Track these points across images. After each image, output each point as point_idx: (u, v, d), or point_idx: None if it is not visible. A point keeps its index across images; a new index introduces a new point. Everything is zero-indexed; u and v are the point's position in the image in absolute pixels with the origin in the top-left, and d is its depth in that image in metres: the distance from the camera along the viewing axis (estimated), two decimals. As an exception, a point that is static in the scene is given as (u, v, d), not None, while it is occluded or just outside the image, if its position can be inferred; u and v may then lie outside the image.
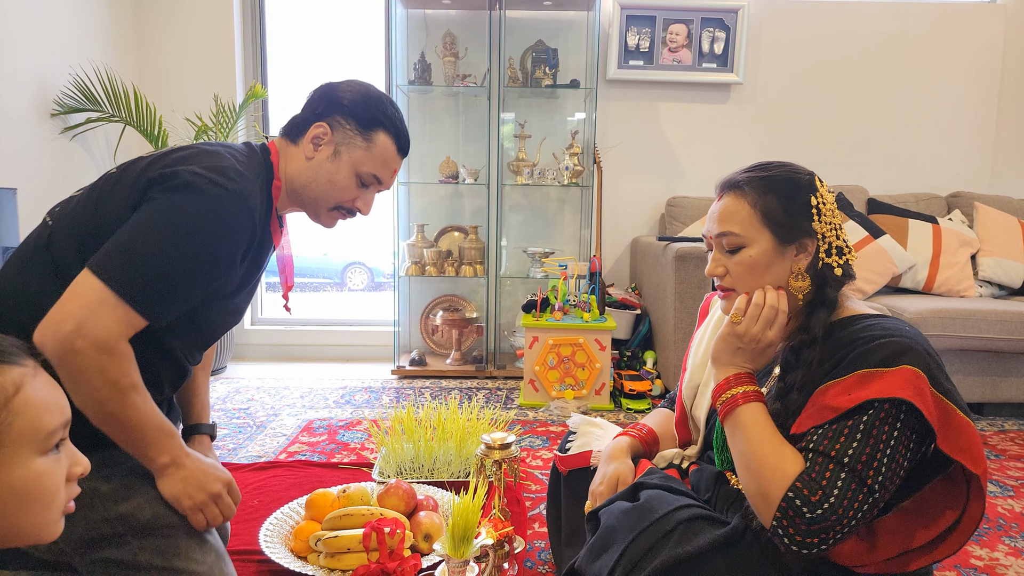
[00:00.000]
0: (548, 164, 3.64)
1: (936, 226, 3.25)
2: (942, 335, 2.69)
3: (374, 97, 1.33)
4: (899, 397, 0.91)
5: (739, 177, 1.11)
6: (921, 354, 0.95)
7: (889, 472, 0.93)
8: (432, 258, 3.53)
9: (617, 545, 0.99)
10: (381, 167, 1.34)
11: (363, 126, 1.31)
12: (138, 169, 1.17)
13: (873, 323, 1.02)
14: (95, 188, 1.19)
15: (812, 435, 0.97)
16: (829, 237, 1.07)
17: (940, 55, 3.72)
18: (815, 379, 1.00)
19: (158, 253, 1.07)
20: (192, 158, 1.17)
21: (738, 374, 1.07)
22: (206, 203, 1.11)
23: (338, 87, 1.33)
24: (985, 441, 2.59)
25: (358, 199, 1.35)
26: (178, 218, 1.09)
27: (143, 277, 1.06)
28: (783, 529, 0.93)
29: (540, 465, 2.24)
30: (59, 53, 2.91)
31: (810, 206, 1.07)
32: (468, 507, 1.17)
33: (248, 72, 3.68)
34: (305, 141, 1.31)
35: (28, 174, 2.71)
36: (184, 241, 1.09)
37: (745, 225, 1.08)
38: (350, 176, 1.31)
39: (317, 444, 2.42)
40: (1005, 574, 1.64)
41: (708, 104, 3.72)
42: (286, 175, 1.32)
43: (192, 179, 1.11)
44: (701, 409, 1.28)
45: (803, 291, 1.08)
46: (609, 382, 2.97)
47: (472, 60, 3.59)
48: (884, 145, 3.78)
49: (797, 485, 0.93)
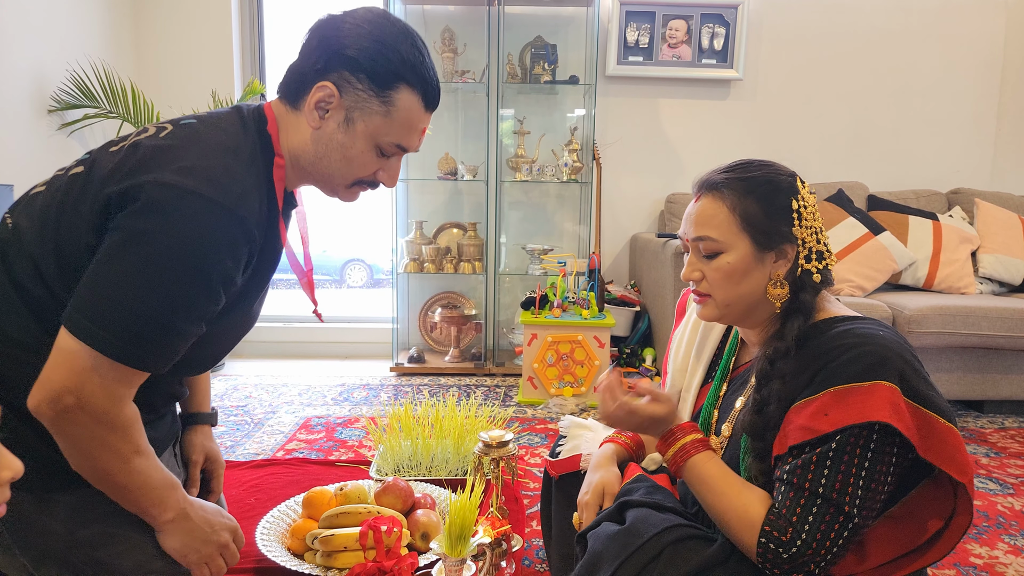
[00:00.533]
0: (547, 160, 3.63)
1: (936, 223, 3.24)
2: (942, 332, 2.68)
3: (389, 39, 1.05)
4: (874, 420, 0.89)
5: (718, 178, 1.06)
6: (895, 363, 0.92)
7: (868, 494, 0.91)
8: (431, 255, 3.52)
9: (603, 572, 0.97)
10: (407, 133, 1.09)
11: (379, 84, 1.04)
12: (101, 175, 0.98)
13: (847, 329, 0.98)
14: (60, 190, 1.02)
15: (785, 463, 0.95)
16: (810, 242, 1.03)
17: (941, 50, 3.70)
18: (792, 392, 0.98)
19: (139, 298, 0.91)
20: (163, 155, 0.97)
21: (680, 426, 1.05)
22: (182, 224, 0.92)
23: (342, 28, 1.05)
24: (985, 438, 2.59)
25: (380, 170, 1.13)
26: (152, 252, 0.91)
27: (130, 331, 0.92)
28: (768, 569, 0.93)
29: (538, 463, 2.24)
30: (56, 49, 2.89)
31: (791, 210, 1.03)
32: (465, 505, 1.16)
33: (246, 68, 3.67)
34: (308, 106, 1.06)
35: (25, 170, 2.70)
36: (165, 277, 0.92)
37: (723, 230, 1.04)
38: (368, 148, 1.08)
39: (315, 442, 2.41)
40: (1005, 572, 1.63)
41: (708, 100, 3.71)
42: (289, 150, 1.09)
43: (160, 195, 0.92)
44: (685, 414, 1.26)
45: (781, 299, 1.04)
46: (608, 379, 2.96)
47: (471, 56, 3.57)
48: (884, 141, 3.76)
49: (766, 529, 0.92)
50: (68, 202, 0.99)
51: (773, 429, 0.99)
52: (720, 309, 1.07)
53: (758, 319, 1.09)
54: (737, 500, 0.97)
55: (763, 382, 1.02)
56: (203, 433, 1.36)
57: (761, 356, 1.04)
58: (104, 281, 0.92)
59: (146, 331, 0.93)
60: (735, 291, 1.04)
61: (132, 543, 1.04)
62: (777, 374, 1.00)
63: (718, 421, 1.17)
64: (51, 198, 1.02)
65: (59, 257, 0.98)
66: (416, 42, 1.07)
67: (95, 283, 0.92)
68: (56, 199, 1.01)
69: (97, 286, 0.92)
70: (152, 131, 1.04)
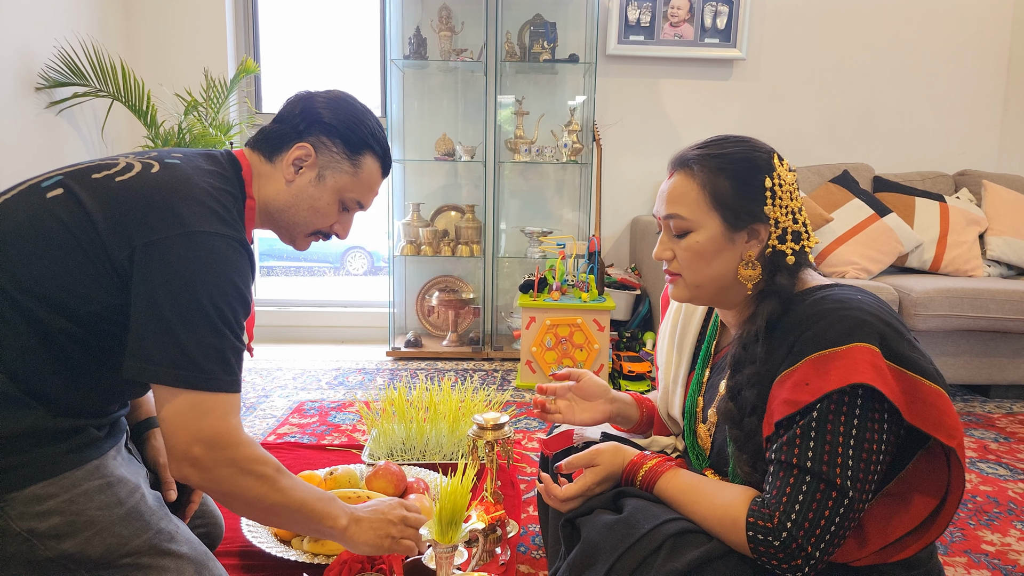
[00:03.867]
0: (546, 142, 3.56)
1: (943, 204, 3.18)
2: (949, 315, 2.63)
3: (359, 115, 1.23)
4: (856, 383, 0.84)
5: (691, 154, 1.03)
6: (873, 325, 0.88)
7: (860, 464, 0.86)
8: (428, 238, 3.46)
9: (601, 564, 0.92)
10: (366, 192, 1.26)
11: (351, 149, 1.21)
12: (101, 220, 0.99)
13: (823, 296, 0.95)
14: (39, 213, 1.00)
15: (773, 442, 0.91)
16: (783, 222, 0.99)
17: (947, 30, 3.62)
18: (771, 369, 0.94)
19: (209, 330, 0.97)
20: (166, 199, 1.01)
21: (631, 462, 1.07)
22: (213, 257, 1.00)
23: (318, 102, 1.22)
24: (993, 423, 2.54)
25: (337, 223, 1.27)
26: (197, 287, 0.97)
27: (217, 360, 0.97)
28: (769, 564, 0.88)
29: (536, 447, 2.19)
30: (43, 24, 2.82)
31: (764, 188, 0.99)
32: (456, 490, 1.11)
33: (240, 46, 3.59)
34: (285, 162, 1.20)
35: (11, 149, 2.64)
36: (218, 305, 0.98)
37: (693, 208, 1.01)
38: (333, 202, 1.23)
39: (307, 426, 2.37)
40: (1017, 559, 1.58)
41: (710, 80, 3.64)
42: (260, 197, 1.21)
43: (186, 242, 0.99)
44: (675, 408, 1.23)
45: (753, 280, 1.01)
46: (608, 363, 2.91)
47: (468, 35, 3.49)
48: (890, 122, 3.69)
49: (750, 521, 0.88)
50: (61, 244, 0.99)
51: (752, 414, 0.96)
52: (690, 290, 1.05)
53: (732, 300, 1.06)
54: (713, 504, 0.94)
55: (736, 368, 1.00)
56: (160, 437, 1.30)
57: (735, 340, 1.02)
58: (167, 328, 0.96)
59: (225, 355, 0.99)
60: (705, 271, 1.02)
61: (98, 528, 0.98)
62: (750, 358, 0.97)
63: (704, 408, 1.14)
64: (29, 217, 1.00)
65: (41, 301, 0.97)
66: (376, 120, 1.27)
67: (160, 333, 0.95)
68: (34, 222, 1.00)
69: (163, 334, 0.95)
70: (139, 167, 1.07)
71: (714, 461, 1.11)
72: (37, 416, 0.96)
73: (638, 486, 1.05)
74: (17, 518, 0.94)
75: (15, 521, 0.94)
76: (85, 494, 0.98)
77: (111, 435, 1.08)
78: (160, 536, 1.04)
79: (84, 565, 0.98)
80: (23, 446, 0.95)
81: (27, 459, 0.95)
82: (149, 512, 1.05)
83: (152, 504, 1.07)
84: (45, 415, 0.97)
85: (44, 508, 0.96)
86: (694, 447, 1.17)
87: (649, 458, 1.06)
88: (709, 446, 1.12)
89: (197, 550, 1.09)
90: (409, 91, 3.61)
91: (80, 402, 1.02)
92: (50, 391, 0.98)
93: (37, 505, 0.95)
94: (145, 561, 1.02)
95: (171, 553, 1.05)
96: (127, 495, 1.03)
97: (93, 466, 1.01)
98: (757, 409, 0.95)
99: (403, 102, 3.60)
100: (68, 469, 0.98)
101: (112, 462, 1.05)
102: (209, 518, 1.37)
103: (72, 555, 0.97)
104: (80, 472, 0.99)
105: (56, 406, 0.98)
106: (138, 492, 1.05)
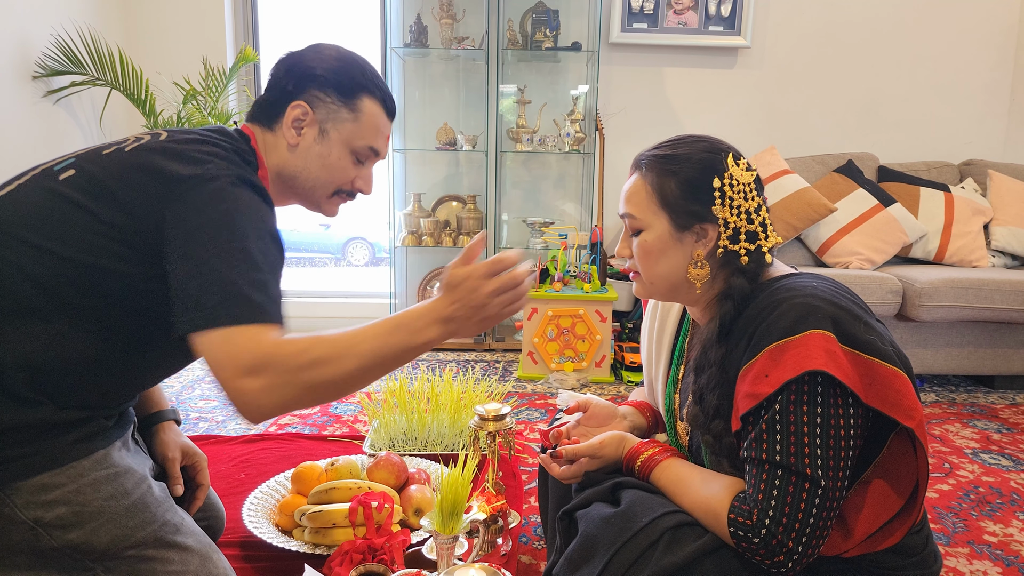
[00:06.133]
0: (549, 131, 3.53)
1: (948, 194, 3.15)
2: (954, 306, 2.61)
3: (347, 59, 1.19)
4: (810, 370, 0.85)
5: (645, 155, 1.06)
6: (825, 310, 0.88)
7: (829, 452, 0.86)
8: (429, 228, 3.44)
9: (599, 557, 0.92)
10: (375, 136, 1.20)
11: (345, 95, 1.17)
12: (122, 206, 0.98)
13: (779, 286, 0.95)
14: (51, 195, 0.98)
15: (743, 439, 0.92)
16: (734, 223, 1.00)
17: (954, 18, 3.59)
18: (734, 365, 0.95)
19: (250, 266, 0.93)
20: (188, 161, 1.00)
21: (631, 450, 1.08)
22: (233, 198, 0.98)
23: (305, 57, 1.18)
24: (996, 414, 2.52)
25: (357, 178, 1.22)
26: (228, 229, 0.94)
27: (264, 292, 0.93)
28: (754, 560, 0.89)
29: (538, 438, 2.18)
30: (40, 12, 2.80)
31: (712, 189, 1.00)
32: (457, 481, 1.10)
33: (239, 34, 3.56)
34: (284, 126, 1.16)
35: (8, 138, 2.62)
36: (251, 239, 0.95)
37: (642, 208, 1.04)
38: (344, 155, 1.18)
39: (309, 416, 2.36)
40: (1019, 550, 1.57)
41: (714, 69, 3.60)
42: (271, 166, 1.18)
43: (205, 188, 0.97)
44: (659, 405, 1.23)
45: (702, 279, 1.02)
46: (610, 354, 2.90)
47: (470, 23, 3.46)
48: (895, 111, 3.66)
49: (731, 517, 0.89)
50: (71, 211, 0.98)
51: (717, 417, 0.97)
52: (646, 287, 1.08)
53: (688, 298, 1.07)
54: (699, 497, 0.95)
55: (699, 371, 1.01)
56: (172, 430, 1.29)
57: (697, 344, 1.03)
58: (210, 272, 0.92)
59: (270, 289, 0.95)
60: (655, 269, 1.04)
61: (104, 518, 0.97)
62: (709, 363, 0.99)
63: (680, 405, 1.14)
64: (43, 201, 0.99)
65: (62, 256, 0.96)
66: (366, 61, 1.21)
67: (204, 278, 0.91)
68: (49, 205, 0.98)
69: (208, 279, 0.91)
70: (147, 138, 1.05)
71: (694, 456, 1.11)
72: (45, 411, 0.95)
73: (636, 475, 1.06)
74: (23, 507, 0.93)
75: (21, 510, 0.93)
76: (91, 484, 0.97)
77: (118, 425, 1.07)
78: (166, 528, 1.03)
79: (89, 555, 0.97)
80: (29, 437, 0.94)
81: (33, 449, 0.94)
82: (155, 503, 1.04)
83: (158, 495, 1.06)
84: (53, 410, 0.95)
85: (50, 498, 0.94)
86: (676, 443, 1.16)
87: (648, 446, 1.07)
88: (687, 442, 1.12)
89: (202, 542, 1.08)
90: (410, 80, 3.58)
91: (91, 395, 1.00)
92: (63, 386, 0.96)
93: (43, 494, 0.94)
94: (150, 553, 1.01)
95: (176, 545, 1.04)
96: (133, 486, 1.02)
97: (100, 456, 1.00)
98: (721, 411, 0.97)
99: (404, 91, 3.57)
100: (75, 459, 0.97)
101: (118, 452, 1.03)
102: (211, 510, 1.36)
103: (78, 545, 0.96)
104: (87, 462, 0.98)
105: (66, 401, 0.97)
106: (144, 483, 1.04)
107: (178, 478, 1.25)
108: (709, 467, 1.01)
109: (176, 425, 1.32)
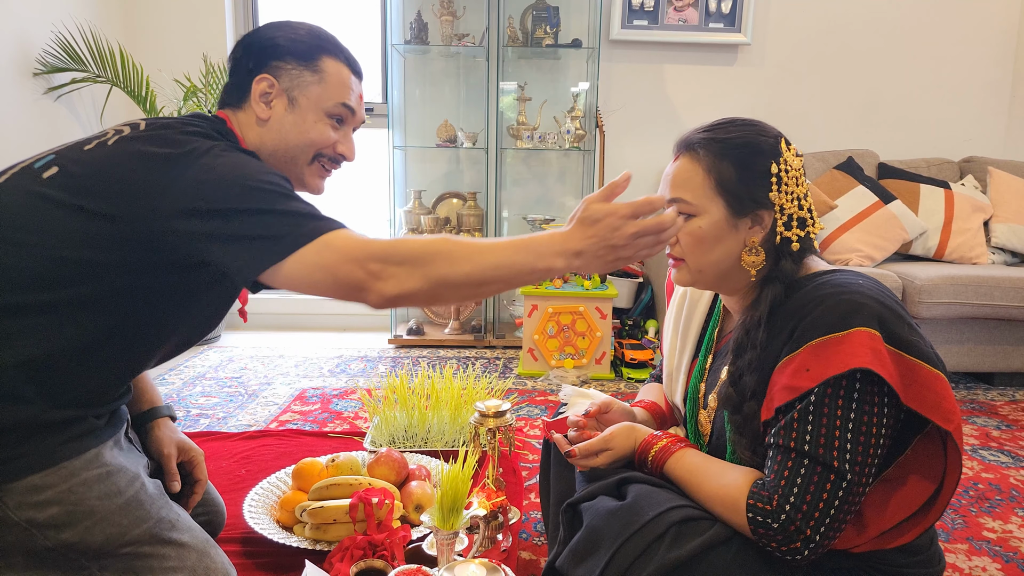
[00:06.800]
0: (549, 128, 3.53)
1: (948, 191, 3.15)
2: (953, 303, 2.61)
3: (300, 27, 1.20)
4: (853, 368, 0.84)
5: (696, 137, 1.02)
6: (872, 308, 0.88)
7: (858, 447, 0.86)
8: (430, 225, 3.44)
9: (604, 550, 0.92)
10: (345, 92, 1.19)
11: (305, 59, 1.16)
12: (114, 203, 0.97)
13: (823, 281, 0.95)
14: (29, 192, 0.98)
15: (772, 426, 0.91)
16: (789, 209, 0.99)
17: (954, 15, 3.58)
18: (772, 354, 0.94)
19: (272, 197, 0.96)
20: (175, 143, 1.02)
21: (644, 441, 1.08)
22: (228, 154, 1.02)
23: (260, 33, 1.19)
24: (996, 411, 2.53)
25: (338, 143, 1.21)
26: (242, 172, 0.98)
27: (299, 213, 0.95)
28: (769, 547, 0.89)
29: (538, 435, 2.18)
30: (40, 9, 2.80)
31: (770, 174, 0.98)
32: (457, 476, 1.10)
33: (239, 31, 3.56)
34: (253, 102, 1.16)
35: (9, 135, 2.62)
36: (259, 177, 0.99)
37: (697, 193, 1.00)
38: (319, 118, 1.17)
39: (309, 413, 2.36)
40: (1018, 547, 1.58)
41: (715, 66, 3.60)
42: (250, 145, 1.18)
43: (204, 152, 1.00)
44: (677, 396, 1.22)
45: (756, 266, 1.01)
46: (610, 351, 2.90)
47: (470, 19, 3.46)
48: (896, 108, 3.66)
49: (750, 503, 0.89)
50: (61, 202, 0.98)
51: (752, 399, 0.96)
52: (692, 274, 1.05)
53: (734, 286, 1.05)
54: (717, 484, 0.95)
55: (738, 353, 1.00)
56: (167, 427, 1.29)
57: (738, 326, 1.01)
58: (248, 218, 0.94)
59: (305, 207, 0.97)
60: (707, 256, 1.01)
61: (98, 517, 0.97)
62: (751, 344, 0.97)
63: (705, 395, 1.14)
64: (27, 200, 0.99)
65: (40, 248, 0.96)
66: (318, 26, 1.22)
67: (247, 227, 0.94)
68: (38, 200, 0.98)
69: (255, 217, 0.94)
70: (127, 130, 1.06)
71: (713, 447, 1.11)
72: (35, 410, 0.94)
73: (649, 465, 1.05)
74: (15, 508, 0.93)
75: (13, 511, 0.93)
76: (84, 483, 0.97)
77: (110, 424, 1.07)
78: (161, 525, 1.04)
79: (84, 554, 0.97)
80: (19, 438, 0.94)
81: (24, 450, 0.94)
82: (149, 501, 1.04)
83: (152, 493, 1.05)
84: (44, 408, 0.95)
85: (42, 498, 0.94)
86: (695, 433, 1.16)
87: (660, 438, 1.07)
88: (709, 432, 1.12)
89: (198, 538, 1.08)
90: (410, 77, 3.58)
91: (84, 392, 1.00)
92: (53, 382, 0.96)
93: (35, 495, 0.94)
94: (146, 550, 1.01)
95: (172, 542, 1.04)
96: (126, 484, 1.02)
97: (92, 455, 1.00)
98: (757, 394, 0.95)
99: (404, 88, 3.57)
100: (66, 459, 0.97)
101: (111, 451, 1.03)
102: (211, 506, 1.37)
103: (72, 545, 0.96)
104: (78, 461, 0.98)
105: (57, 398, 0.97)
106: (138, 481, 1.04)
107: (175, 474, 1.25)
108: (733, 451, 1.01)
109: (171, 421, 1.31)
